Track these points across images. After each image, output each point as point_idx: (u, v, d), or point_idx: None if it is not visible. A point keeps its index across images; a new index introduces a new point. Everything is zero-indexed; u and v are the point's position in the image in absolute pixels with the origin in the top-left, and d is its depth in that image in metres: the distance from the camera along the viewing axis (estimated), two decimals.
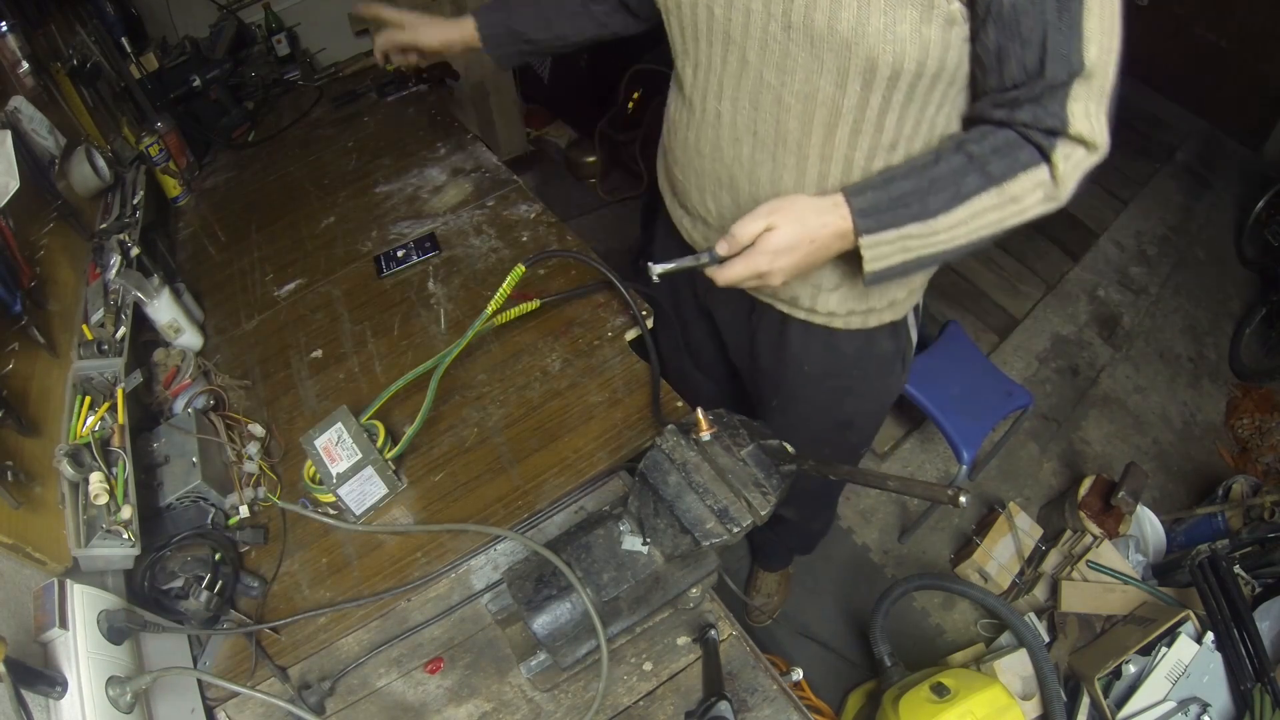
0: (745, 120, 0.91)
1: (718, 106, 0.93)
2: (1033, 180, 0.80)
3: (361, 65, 2.18)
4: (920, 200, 0.81)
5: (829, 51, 0.80)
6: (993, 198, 0.81)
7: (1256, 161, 3.37)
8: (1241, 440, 2.49)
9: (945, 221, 0.81)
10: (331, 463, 1.04)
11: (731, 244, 0.84)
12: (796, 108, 0.86)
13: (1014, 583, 2.02)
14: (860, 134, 0.86)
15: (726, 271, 0.85)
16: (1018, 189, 0.80)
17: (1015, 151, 0.80)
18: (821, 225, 0.82)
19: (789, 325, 1.14)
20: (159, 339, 1.33)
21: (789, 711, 0.93)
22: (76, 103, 1.48)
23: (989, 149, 0.80)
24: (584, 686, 0.96)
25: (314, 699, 0.94)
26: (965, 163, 0.80)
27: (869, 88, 0.81)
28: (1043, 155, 0.79)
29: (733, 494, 0.82)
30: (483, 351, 1.31)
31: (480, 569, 1.07)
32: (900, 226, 0.82)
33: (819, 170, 0.91)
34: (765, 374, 1.27)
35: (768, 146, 0.91)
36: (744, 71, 0.88)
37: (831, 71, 0.81)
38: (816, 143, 0.88)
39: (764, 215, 0.83)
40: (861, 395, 1.23)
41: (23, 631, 0.79)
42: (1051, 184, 0.81)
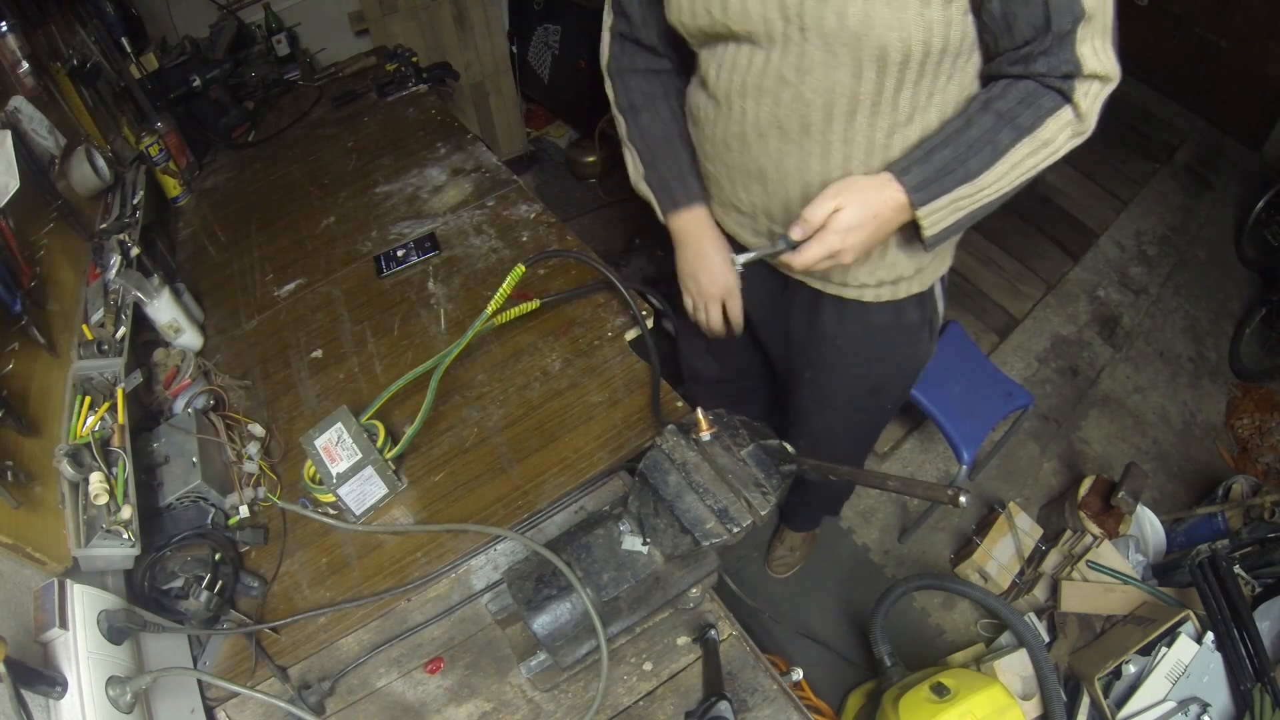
0: (769, 116, 0.95)
1: (743, 104, 0.97)
2: (1059, 122, 0.86)
3: (361, 65, 2.18)
4: (962, 164, 0.87)
5: (842, 46, 0.84)
6: (1027, 146, 0.87)
7: (1256, 161, 3.37)
8: (1241, 440, 2.49)
9: (989, 177, 0.88)
10: (331, 463, 1.04)
11: (805, 227, 0.88)
12: (817, 101, 0.91)
13: (1014, 583, 2.02)
14: (878, 115, 0.91)
15: (803, 255, 0.90)
16: (1048, 133, 0.86)
17: (1039, 99, 0.85)
18: (883, 201, 0.88)
19: (822, 302, 1.19)
20: (159, 339, 1.33)
21: (789, 711, 0.93)
22: (76, 103, 1.48)
23: (1014, 101, 0.86)
24: (584, 686, 0.96)
25: (314, 699, 0.94)
26: (995, 120, 0.86)
27: (883, 73, 0.86)
28: (1064, 97, 0.85)
29: (733, 494, 0.82)
30: (483, 351, 1.31)
31: (480, 569, 1.07)
32: (950, 191, 0.88)
33: (843, 154, 0.95)
34: (797, 348, 1.32)
35: (793, 138, 0.96)
36: (766, 71, 0.92)
37: (847, 64, 0.86)
38: (838, 130, 0.93)
39: (831, 197, 0.88)
40: (891, 363, 1.29)
41: (23, 631, 0.79)
42: (1077, 120, 0.87)
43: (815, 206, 0.88)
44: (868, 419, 1.47)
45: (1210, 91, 3.44)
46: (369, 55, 2.22)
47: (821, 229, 0.88)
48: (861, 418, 1.45)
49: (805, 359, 1.32)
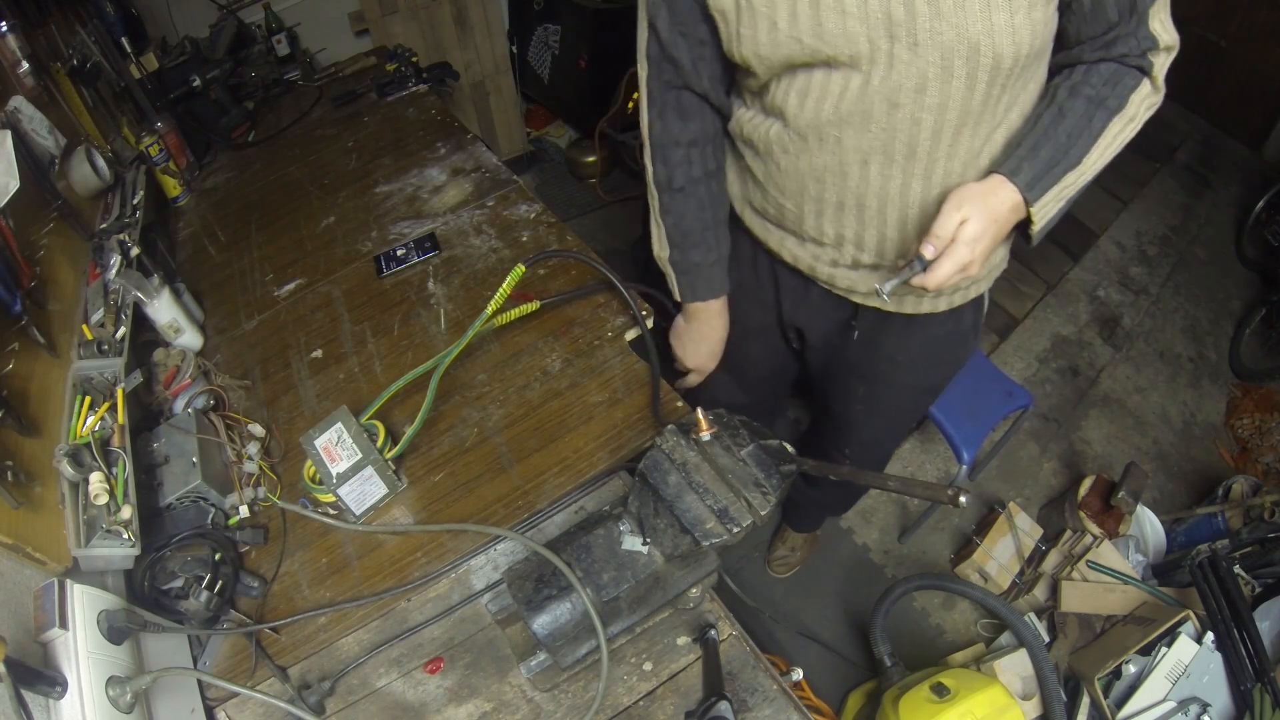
0: (872, 142, 0.91)
1: (838, 134, 0.92)
2: (1140, 95, 0.89)
3: (361, 65, 2.18)
4: (1065, 154, 0.87)
5: (958, 59, 0.82)
6: (1118, 124, 0.89)
7: (1256, 161, 3.37)
8: (1241, 440, 2.49)
9: (1089, 160, 0.89)
10: (331, 463, 1.04)
11: (938, 243, 0.85)
12: (928, 120, 0.88)
13: (1014, 583, 2.02)
14: (980, 124, 0.90)
15: (937, 274, 0.85)
16: (1132, 109, 0.89)
17: (1122, 79, 0.88)
18: (1000, 204, 0.86)
19: (886, 323, 1.18)
20: (159, 339, 1.33)
21: (789, 711, 0.93)
22: (76, 103, 1.48)
23: (1100, 84, 0.88)
24: (584, 686, 0.96)
25: (314, 699, 0.94)
26: (1087, 105, 0.87)
27: (993, 82, 0.85)
28: (1143, 72, 0.88)
29: (733, 494, 0.82)
30: (483, 351, 1.31)
31: (480, 569, 1.07)
32: (1058, 181, 0.88)
33: (945, 170, 0.93)
34: (853, 367, 1.31)
35: (898, 162, 0.92)
36: (866, 95, 0.87)
37: (961, 77, 0.84)
38: (944, 147, 0.91)
39: (955, 208, 0.85)
40: (944, 365, 1.31)
41: (23, 631, 0.79)
42: (1153, 92, 0.90)
43: (943, 221, 0.84)
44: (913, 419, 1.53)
45: (1210, 91, 3.44)
46: (369, 55, 2.22)
47: (951, 243, 0.84)
48: (909, 419, 1.51)
49: (860, 376, 1.32)
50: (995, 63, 0.82)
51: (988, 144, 0.92)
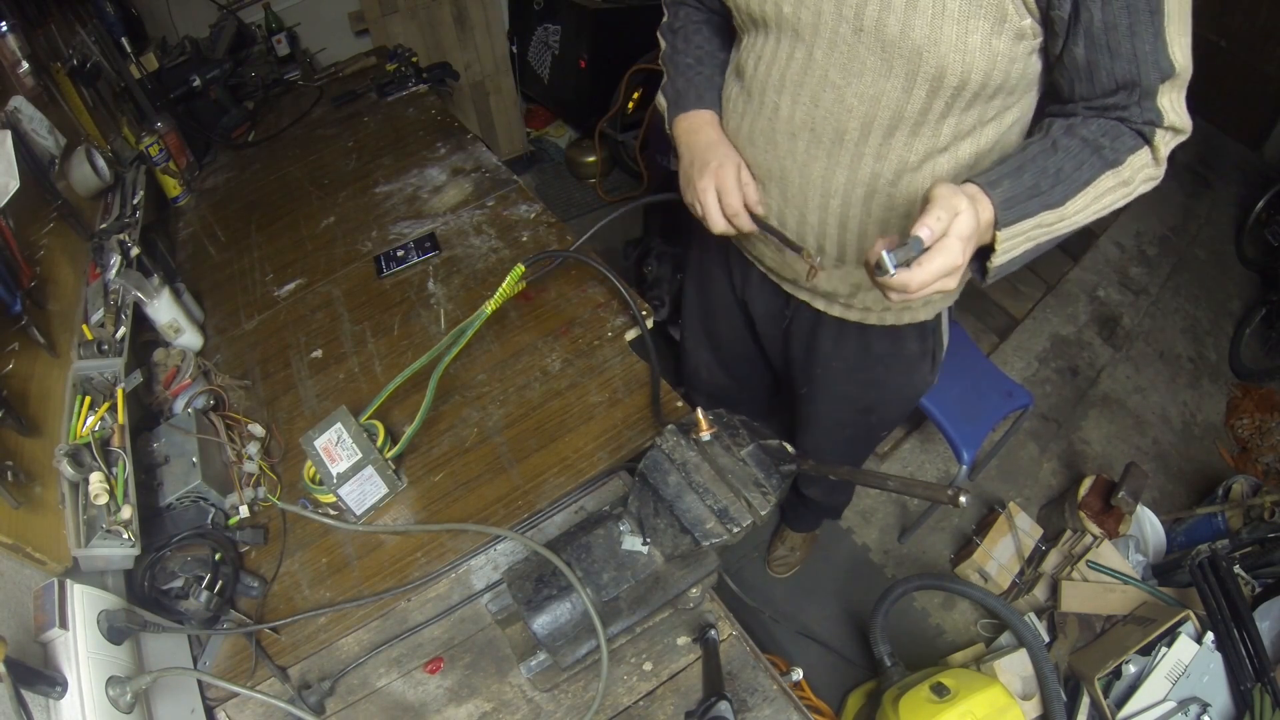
0: (804, 116, 0.92)
1: (776, 100, 0.94)
2: (1140, 160, 0.83)
3: (361, 65, 2.18)
4: (1050, 187, 0.80)
5: (899, 58, 0.81)
6: (1110, 179, 0.82)
7: (1256, 161, 3.37)
8: (1241, 440, 2.49)
9: (1072, 206, 0.81)
10: (332, 463, 1.04)
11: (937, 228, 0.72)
12: (859, 109, 0.87)
13: (1014, 583, 2.02)
14: (917, 137, 0.88)
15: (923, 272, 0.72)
16: (1129, 170, 0.83)
17: (1121, 136, 0.82)
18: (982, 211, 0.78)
19: (821, 323, 1.17)
20: (159, 339, 1.33)
21: (789, 711, 0.93)
22: (76, 103, 1.48)
23: (1099, 133, 0.82)
24: (584, 686, 0.96)
25: (314, 699, 0.94)
26: (1082, 147, 0.81)
27: (934, 94, 0.83)
28: (1144, 139, 0.83)
29: (733, 494, 0.82)
30: (482, 351, 1.31)
31: (480, 569, 1.07)
32: (1033, 215, 0.80)
33: (872, 169, 0.91)
34: (796, 363, 1.31)
35: (824, 144, 0.92)
36: (809, 69, 0.88)
37: (899, 76, 0.82)
38: (874, 143, 0.89)
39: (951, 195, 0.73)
40: (886, 388, 1.27)
41: (23, 631, 0.79)
42: (1154, 164, 0.84)
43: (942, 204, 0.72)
44: (854, 435, 1.44)
45: (1210, 91, 3.44)
46: (369, 55, 2.22)
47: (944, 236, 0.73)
48: (847, 434, 1.43)
49: (804, 374, 1.32)
50: (938, 75, 0.80)
51: (928, 164, 0.89)
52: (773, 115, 0.95)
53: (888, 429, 1.45)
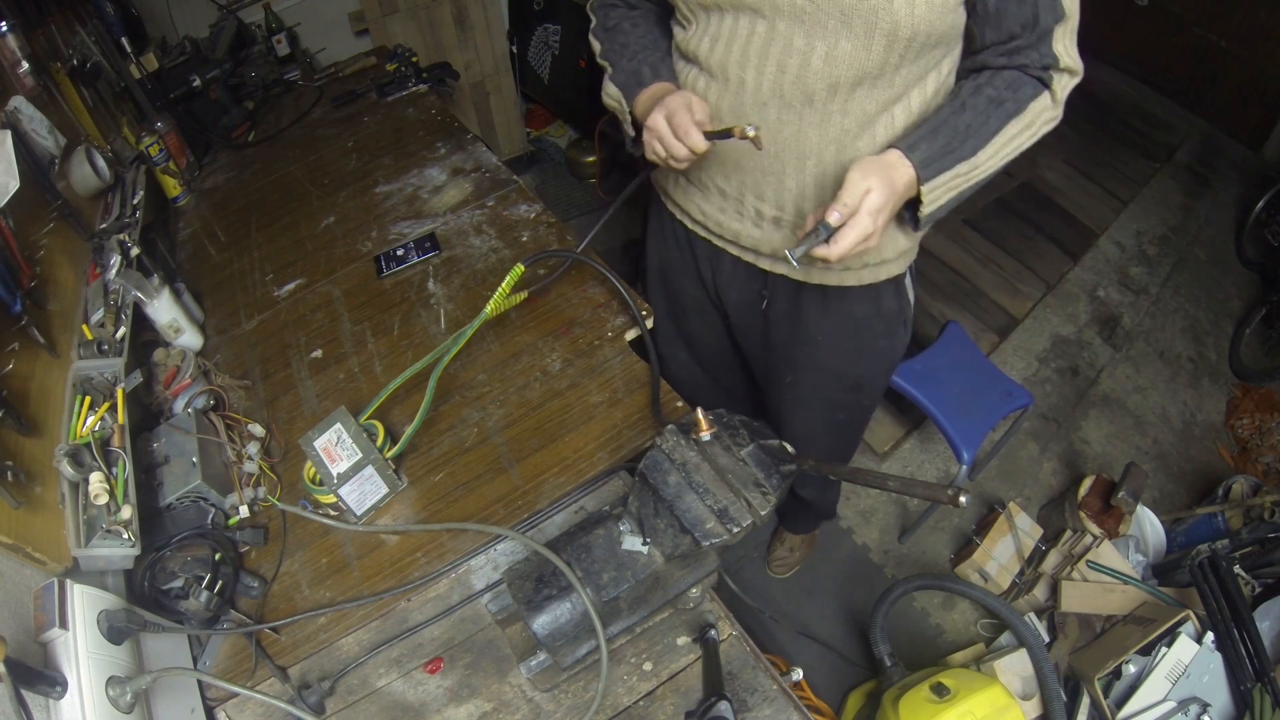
0: (771, 84, 0.96)
1: (741, 74, 0.97)
2: (1040, 105, 0.95)
3: (361, 65, 2.18)
4: (961, 143, 0.93)
5: (858, 18, 0.88)
6: (1015, 126, 0.95)
7: (1256, 161, 3.37)
8: (1241, 440, 2.49)
9: (983, 155, 0.94)
10: (332, 463, 1.04)
11: (845, 210, 0.87)
12: (824, 70, 0.92)
13: (1014, 583, 2.02)
14: (876, 89, 0.94)
15: (841, 243, 0.88)
16: (1030, 115, 0.95)
17: (1022, 86, 0.95)
18: (899, 178, 0.91)
19: (803, 297, 1.20)
20: (159, 339, 1.33)
21: (789, 711, 0.93)
22: (76, 103, 1.48)
23: (1002, 87, 0.94)
24: (584, 686, 0.96)
25: (314, 699, 0.94)
26: (987, 104, 0.94)
27: (889, 49, 0.90)
28: (1044, 85, 0.95)
29: (733, 494, 0.82)
30: (482, 351, 1.31)
31: (480, 569, 1.07)
32: (951, 168, 0.93)
33: (840, 126, 0.97)
34: (777, 350, 1.32)
35: (794, 107, 0.96)
36: (772, 40, 0.93)
37: (860, 35, 0.89)
38: (839, 101, 0.95)
39: (861, 178, 0.88)
40: (870, 356, 1.30)
41: (23, 631, 0.79)
42: (1053, 105, 0.96)
43: (850, 189, 0.88)
44: (847, 417, 1.47)
45: (1210, 91, 3.44)
46: (369, 55, 2.22)
47: (854, 212, 0.88)
48: (841, 416, 1.45)
49: (786, 361, 1.32)
50: (892, 30, 0.87)
51: (885, 114, 0.97)
52: (739, 89, 0.99)
53: (874, 403, 1.48)
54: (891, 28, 0.87)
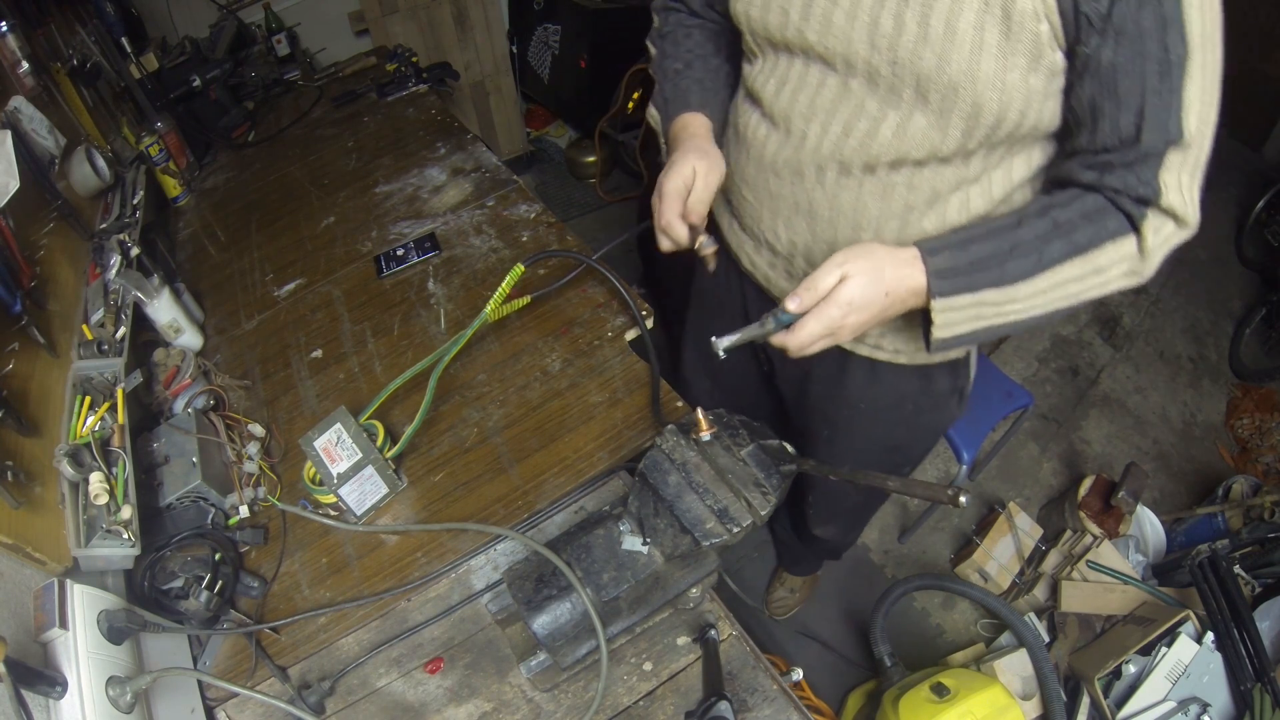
0: (833, 146, 0.87)
1: (805, 128, 0.88)
2: (1120, 252, 0.77)
3: (361, 65, 2.18)
4: (999, 265, 0.77)
5: (935, 91, 0.76)
6: (1076, 267, 0.77)
7: (1257, 161, 3.37)
8: (1241, 440, 2.49)
9: (1024, 289, 0.77)
10: (332, 463, 1.04)
11: (806, 297, 0.77)
12: (892, 142, 0.83)
13: (1014, 583, 2.02)
14: (947, 167, 0.84)
15: (798, 334, 0.78)
16: (1103, 259, 0.77)
17: (1103, 219, 0.76)
18: (899, 279, 0.78)
19: (849, 363, 1.09)
20: (159, 339, 1.33)
21: (789, 711, 0.93)
22: (76, 103, 1.48)
23: (1076, 214, 0.77)
24: (584, 686, 0.96)
25: (314, 699, 0.94)
26: (1050, 228, 0.77)
27: (969, 134, 0.78)
28: (1131, 225, 0.76)
29: (733, 494, 0.82)
30: (482, 351, 1.31)
31: (480, 569, 1.07)
32: (976, 291, 0.77)
33: (904, 200, 0.87)
34: (815, 408, 1.22)
35: (854, 174, 0.87)
36: (842, 98, 0.84)
37: (935, 111, 0.78)
38: (905, 175, 0.85)
39: (838, 264, 0.77)
40: (914, 427, 1.20)
41: (23, 631, 0.79)
42: (1138, 257, 0.78)
43: (820, 274, 0.77)
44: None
45: None
46: (369, 55, 2.22)
47: (824, 300, 0.77)
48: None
49: (823, 418, 1.23)
50: (974, 111, 0.76)
51: (959, 193, 0.85)
52: (799, 144, 0.89)
53: (913, 465, 1.36)
54: (973, 110, 0.75)
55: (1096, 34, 0.68)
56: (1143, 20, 0.67)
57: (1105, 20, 0.68)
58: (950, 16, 0.72)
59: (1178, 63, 0.68)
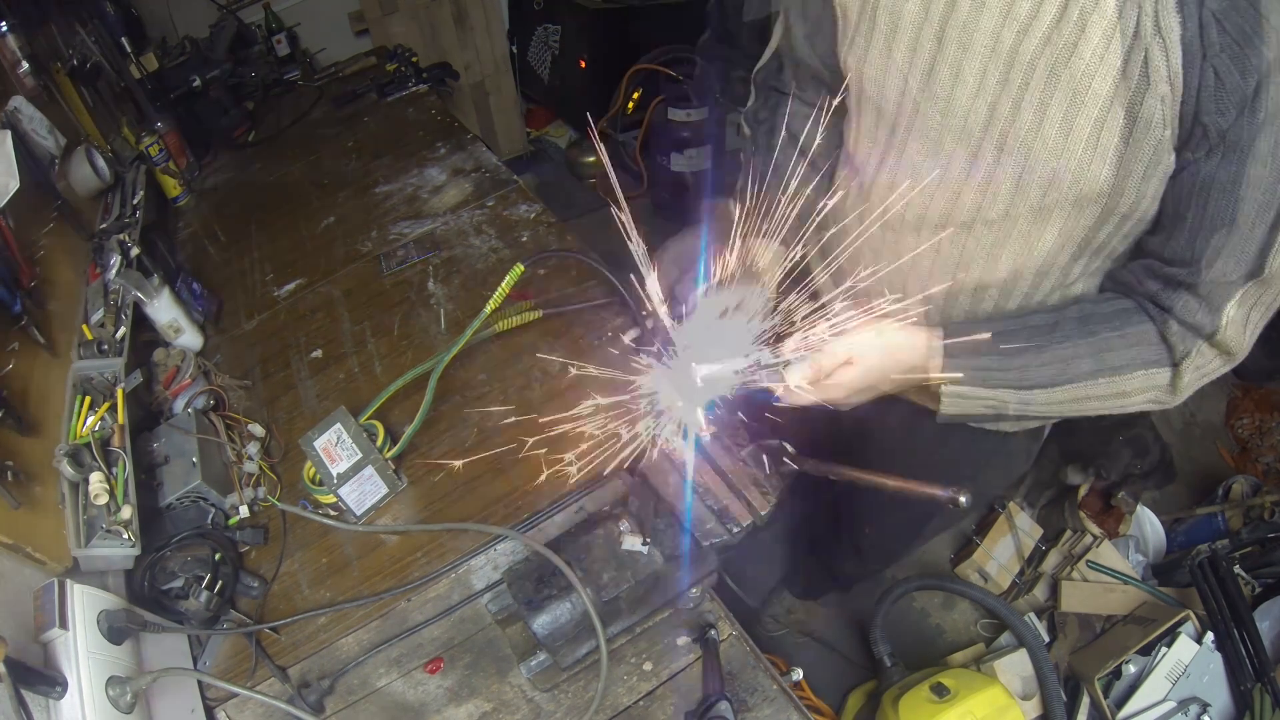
0: (928, 234, 0.84)
1: (902, 211, 0.85)
2: (1150, 382, 0.75)
3: (361, 65, 2.18)
4: (1021, 368, 0.76)
5: (1036, 187, 0.73)
6: (1103, 388, 0.76)
7: None
8: (1241, 440, 2.49)
9: (1040, 396, 0.77)
10: (332, 463, 1.04)
11: (810, 374, 0.77)
12: (986, 239, 0.80)
13: (1014, 583, 2.02)
14: (1046, 278, 0.82)
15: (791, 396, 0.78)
16: (1131, 385, 0.75)
17: (1143, 348, 0.74)
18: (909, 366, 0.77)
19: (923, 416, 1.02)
20: (159, 339, 1.33)
21: (789, 711, 0.93)
22: (76, 103, 1.48)
23: (1115, 335, 0.75)
24: (584, 686, 0.96)
25: (313, 698, 0.94)
26: (1086, 341, 0.75)
27: (1067, 236, 0.76)
28: (1171, 360, 0.74)
29: (733, 494, 0.82)
30: (482, 352, 1.31)
31: (480, 569, 1.07)
32: (993, 389, 0.77)
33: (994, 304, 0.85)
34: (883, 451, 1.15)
35: (947, 267, 0.85)
36: (942, 185, 0.80)
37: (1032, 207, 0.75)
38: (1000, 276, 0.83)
39: (844, 349, 0.76)
40: (982, 483, 1.17)
41: (23, 631, 0.79)
42: (1168, 391, 0.76)
43: (827, 355, 0.76)
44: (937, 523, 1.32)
45: None
46: (369, 55, 2.23)
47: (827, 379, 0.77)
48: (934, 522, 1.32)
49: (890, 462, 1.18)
50: (1077, 208, 0.73)
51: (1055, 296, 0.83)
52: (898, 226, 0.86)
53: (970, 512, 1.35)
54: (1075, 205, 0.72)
55: (1207, 146, 0.65)
56: (1260, 145, 0.63)
57: (1222, 136, 0.64)
58: (1070, 112, 0.68)
59: None
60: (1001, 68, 0.70)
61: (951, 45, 0.73)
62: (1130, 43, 0.64)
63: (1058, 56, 0.67)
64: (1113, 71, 0.65)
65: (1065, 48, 0.67)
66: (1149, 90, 0.64)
